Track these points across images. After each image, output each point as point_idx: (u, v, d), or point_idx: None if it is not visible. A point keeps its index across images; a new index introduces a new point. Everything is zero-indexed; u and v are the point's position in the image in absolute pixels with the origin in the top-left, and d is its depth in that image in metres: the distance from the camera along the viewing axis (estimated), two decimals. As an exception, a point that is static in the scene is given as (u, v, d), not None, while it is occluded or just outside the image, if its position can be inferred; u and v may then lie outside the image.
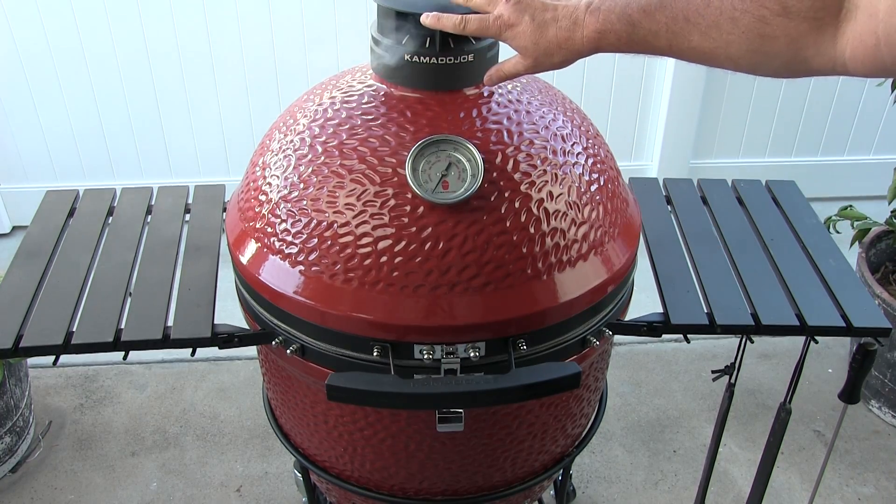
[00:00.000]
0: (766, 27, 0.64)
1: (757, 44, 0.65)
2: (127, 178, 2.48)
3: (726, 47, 0.67)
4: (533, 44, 0.80)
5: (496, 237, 0.86)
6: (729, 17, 0.65)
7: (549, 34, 0.79)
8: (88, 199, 1.22)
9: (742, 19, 0.65)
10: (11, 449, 1.71)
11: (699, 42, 0.68)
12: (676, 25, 0.69)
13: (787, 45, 0.64)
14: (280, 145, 0.96)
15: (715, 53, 0.68)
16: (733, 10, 0.65)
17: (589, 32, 0.77)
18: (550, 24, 0.79)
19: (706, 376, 1.99)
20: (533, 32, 0.80)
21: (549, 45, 0.80)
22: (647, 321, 1.00)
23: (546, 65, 0.82)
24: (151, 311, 0.98)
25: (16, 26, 2.20)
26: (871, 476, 1.75)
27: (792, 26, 0.63)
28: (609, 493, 1.71)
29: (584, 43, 0.78)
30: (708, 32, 0.67)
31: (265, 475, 1.74)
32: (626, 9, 0.74)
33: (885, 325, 0.99)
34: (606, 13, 0.75)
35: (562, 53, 0.80)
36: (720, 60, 0.69)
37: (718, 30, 0.67)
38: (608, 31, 0.75)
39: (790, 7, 0.62)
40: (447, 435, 0.99)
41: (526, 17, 0.80)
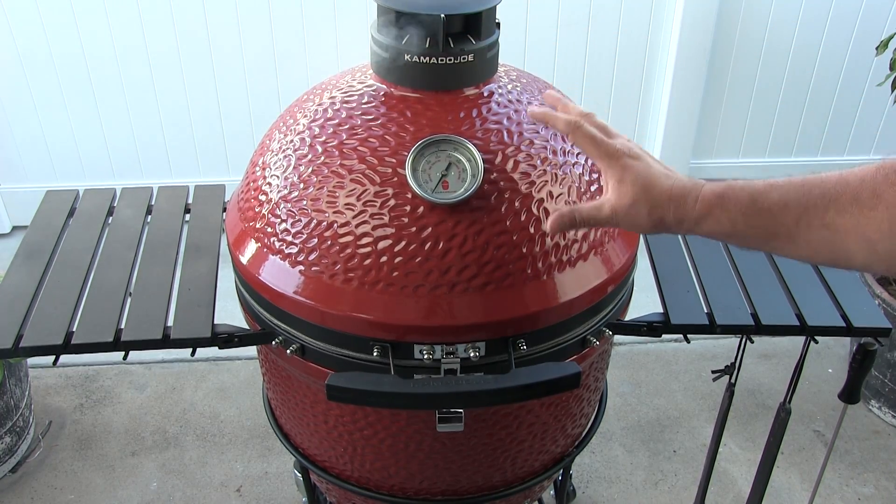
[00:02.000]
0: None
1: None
2: (127, 178, 2.48)
3: (866, 225, 0.60)
4: (643, 185, 0.70)
5: (496, 237, 0.86)
6: (870, 191, 0.60)
7: (664, 184, 0.70)
8: (88, 199, 1.22)
9: (886, 192, 0.58)
10: (11, 449, 1.71)
11: (835, 218, 0.61)
12: (810, 200, 0.63)
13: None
14: (280, 145, 0.96)
15: (851, 232, 0.61)
16: (875, 184, 0.59)
17: (706, 194, 0.68)
18: (668, 178, 0.71)
19: (706, 376, 1.99)
20: (648, 176, 0.71)
21: (660, 196, 0.70)
22: (647, 321, 1.00)
23: (641, 215, 0.71)
24: (151, 311, 0.98)
25: (16, 27, 2.20)
26: (871, 476, 1.75)
27: None
28: (609, 493, 1.71)
29: (698, 206, 0.68)
30: (847, 207, 0.61)
31: (265, 475, 1.74)
32: (750, 182, 0.67)
33: (885, 325, 0.99)
34: (730, 182, 0.68)
35: (667, 209, 0.69)
36: (854, 243, 0.61)
37: (859, 204, 0.60)
38: (727, 197, 0.67)
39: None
40: (447, 435, 0.99)
41: (647, 159, 0.73)
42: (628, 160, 0.72)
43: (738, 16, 2.37)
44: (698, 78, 2.44)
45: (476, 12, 0.88)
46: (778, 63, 2.47)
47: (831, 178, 0.63)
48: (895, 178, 0.58)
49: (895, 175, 0.59)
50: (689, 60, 2.39)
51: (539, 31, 2.34)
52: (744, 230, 0.67)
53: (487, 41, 0.91)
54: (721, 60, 2.44)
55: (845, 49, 2.45)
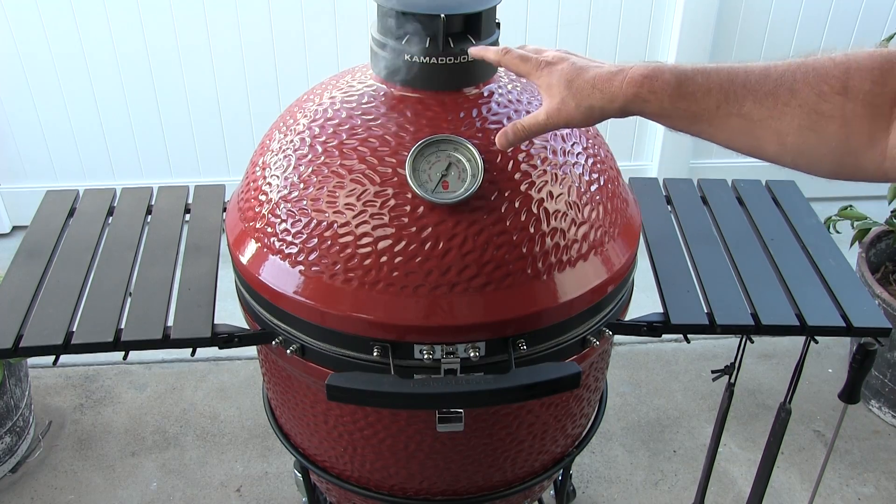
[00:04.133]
0: (823, 103, 0.62)
1: (811, 120, 0.63)
2: (127, 178, 2.48)
3: (778, 118, 0.65)
4: (566, 81, 0.76)
5: (496, 237, 0.86)
6: (788, 88, 0.64)
7: (587, 75, 0.75)
8: (88, 199, 1.22)
9: (801, 91, 0.63)
10: (11, 449, 1.71)
11: (751, 108, 0.66)
12: (732, 88, 0.67)
13: (840, 128, 0.62)
14: (280, 145, 0.96)
15: (765, 123, 0.65)
16: (794, 81, 0.64)
17: (634, 75, 0.71)
18: (591, 68, 0.75)
19: (706, 376, 1.99)
20: (570, 72, 0.76)
21: (583, 85, 0.74)
22: (647, 321, 1.00)
23: (571, 109, 0.76)
24: (151, 311, 0.98)
25: (16, 26, 2.20)
26: (871, 476, 1.75)
27: (849, 107, 0.61)
28: (609, 493, 1.71)
29: (624, 87, 0.72)
30: (763, 100, 0.65)
31: (265, 475, 1.74)
32: (679, 65, 0.71)
33: (885, 325, 0.99)
34: (657, 65, 0.71)
35: (595, 96, 0.74)
36: (766, 133, 0.66)
37: (775, 98, 0.65)
38: (655, 78, 0.70)
39: (850, 87, 0.61)
40: (447, 435, 0.99)
41: (569, 60, 0.77)
42: (551, 66, 0.77)
43: (738, 16, 2.37)
44: (698, 78, 2.43)
45: (476, 12, 0.88)
46: (778, 63, 2.47)
47: (755, 68, 0.67)
48: (813, 78, 0.63)
49: (813, 75, 0.63)
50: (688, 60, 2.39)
51: (539, 31, 2.34)
52: (670, 111, 0.71)
53: (487, 41, 0.91)
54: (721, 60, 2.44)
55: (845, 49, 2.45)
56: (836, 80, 0.62)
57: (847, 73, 0.62)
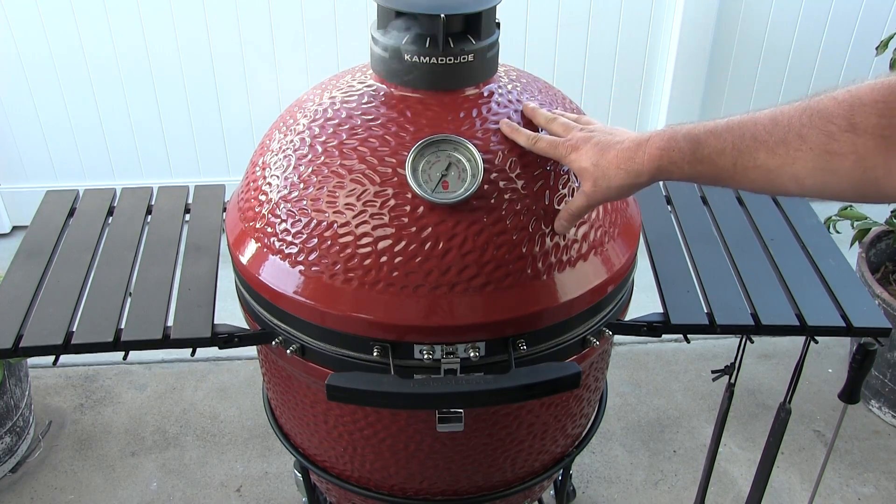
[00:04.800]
0: (833, 143, 0.63)
1: (824, 161, 0.64)
2: (127, 178, 2.48)
3: (792, 164, 0.66)
4: (593, 165, 0.80)
5: (496, 237, 0.86)
6: (797, 134, 0.66)
7: (610, 155, 0.79)
8: (88, 199, 1.22)
9: (810, 135, 0.65)
10: (11, 449, 1.71)
11: (765, 160, 0.68)
12: (743, 143, 0.69)
13: (855, 164, 0.63)
14: (280, 145, 0.96)
15: (781, 171, 0.68)
16: (801, 126, 0.65)
17: (651, 150, 0.76)
18: (613, 147, 0.79)
19: (706, 376, 1.99)
20: (594, 154, 0.80)
21: (608, 166, 0.79)
22: (647, 321, 1.00)
23: (604, 189, 0.81)
24: (151, 311, 0.98)
25: (16, 26, 2.20)
26: (871, 476, 1.75)
27: (860, 143, 0.62)
28: (609, 493, 1.71)
29: (645, 162, 0.76)
30: (775, 149, 0.67)
31: (265, 475, 1.74)
32: (692, 130, 0.74)
33: (885, 325, 0.99)
34: (672, 134, 0.75)
35: (620, 175, 0.79)
36: (785, 180, 0.68)
37: (786, 146, 0.66)
38: (672, 149, 0.74)
39: (857, 124, 0.62)
40: (447, 435, 0.99)
41: (592, 141, 0.81)
42: (577, 150, 0.82)
43: (738, 16, 2.37)
44: (698, 78, 2.44)
45: (476, 12, 0.88)
46: (778, 63, 2.47)
47: (763, 119, 0.69)
48: (818, 121, 0.64)
49: (818, 118, 0.64)
50: (689, 60, 2.39)
51: (539, 31, 2.34)
52: (692, 176, 0.75)
53: (487, 41, 0.91)
54: (721, 60, 2.44)
55: (845, 49, 2.45)
56: (842, 118, 0.63)
57: (851, 110, 0.62)
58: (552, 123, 0.89)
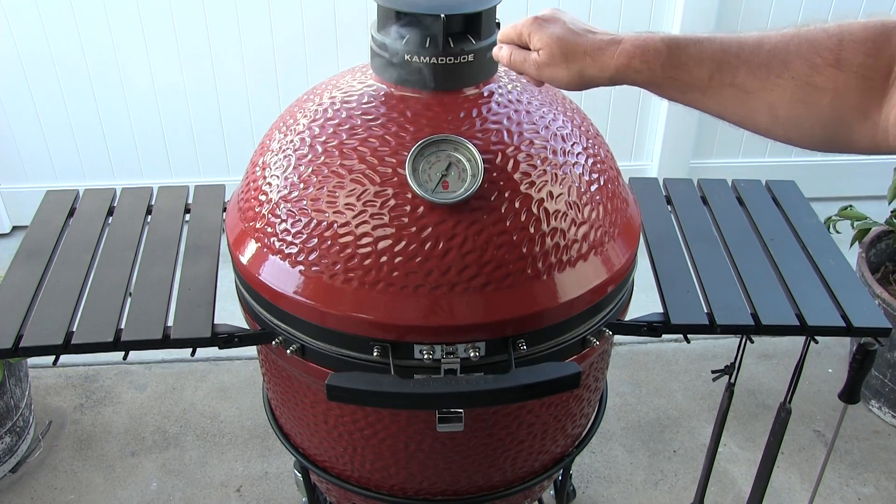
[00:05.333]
0: (815, 75, 0.62)
1: (803, 92, 0.63)
2: (127, 178, 2.48)
3: (771, 90, 0.64)
4: (558, 41, 0.76)
5: (496, 237, 0.86)
6: (781, 60, 0.63)
7: (581, 39, 0.75)
8: (88, 199, 1.22)
9: (794, 63, 0.63)
10: (11, 449, 1.71)
11: (744, 79, 0.65)
12: (725, 58, 0.66)
13: (833, 100, 0.61)
14: (280, 145, 0.96)
15: (757, 95, 0.65)
16: (787, 53, 0.63)
17: (626, 46, 0.72)
18: (586, 34, 0.75)
19: (706, 376, 1.99)
20: (564, 32, 0.76)
21: (576, 49, 0.74)
22: (647, 321, 1.00)
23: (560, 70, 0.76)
24: (151, 311, 0.98)
25: (16, 26, 2.20)
26: (871, 476, 1.75)
27: (842, 79, 0.61)
28: (609, 493, 1.71)
29: (616, 56, 0.72)
30: (756, 71, 0.65)
31: (265, 475, 1.74)
32: (672, 35, 0.71)
33: (885, 325, 0.99)
34: (650, 34, 0.71)
35: (584, 62, 0.74)
36: (758, 105, 0.65)
37: (768, 70, 0.64)
38: (647, 48, 0.70)
39: (843, 59, 0.60)
40: (447, 435, 0.99)
41: (564, 20, 0.77)
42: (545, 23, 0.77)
43: (738, 15, 2.37)
44: (698, 78, 2.43)
45: (476, 12, 0.88)
46: (778, 63, 2.47)
47: (749, 39, 0.66)
48: (805, 49, 0.63)
49: (807, 47, 0.63)
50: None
51: (539, 31, 2.34)
52: (661, 80, 0.70)
53: (487, 41, 0.91)
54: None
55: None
56: (829, 51, 0.61)
57: (840, 44, 0.61)
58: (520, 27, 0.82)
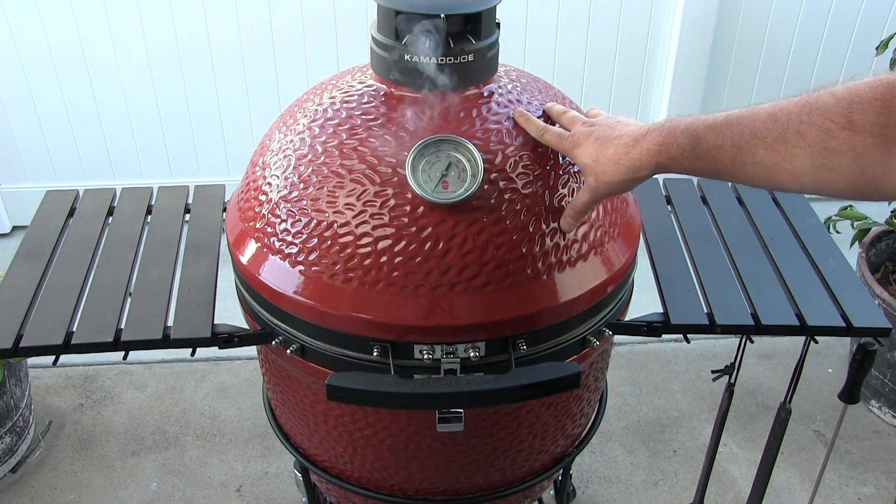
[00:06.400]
0: (831, 140, 0.63)
1: (822, 158, 0.64)
2: (127, 178, 2.48)
3: (791, 161, 0.67)
4: (593, 161, 0.81)
5: (496, 237, 0.86)
6: (795, 131, 0.66)
7: (609, 151, 0.80)
8: (88, 199, 1.22)
9: (808, 132, 0.65)
10: (11, 449, 1.71)
11: (764, 156, 0.68)
12: (742, 140, 0.70)
13: (853, 161, 0.63)
14: (280, 145, 0.96)
15: (779, 167, 0.68)
16: (800, 123, 0.65)
17: (650, 145, 0.76)
18: (612, 142, 0.80)
19: (706, 376, 1.99)
20: (594, 150, 0.81)
21: (608, 162, 0.80)
22: (647, 321, 1.00)
23: (605, 184, 0.81)
24: (151, 311, 0.98)
25: (16, 26, 2.20)
26: (871, 476, 1.75)
27: (857, 140, 0.62)
28: (609, 493, 1.71)
29: (643, 156, 0.77)
30: (774, 146, 0.67)
31: (265, 475, 1.74)
32: (691, 125, 0.74)
33: (885, 325, 0.99)
34: (671, 129, 0.75)
35: (620, 171, 0.79)
36: (783, 176, 0.68)
37: (784, 143, 0.67)
38: (671, 145, 0.75)
39: (855, 121, 0.62)
40: (447, 435, 0.99)
41: (592, 137, 0.82)
42: (578, 149, 0.83)
43: (738, 15, 2.37)
44: (698, 78, 2.44)
45: (476, 12, 0.88)
46: (778, 63, 2.47)
47: (762, 114, 0.69)
48: (817, 118, 0.64)
49: (817, 114, 0.64)
50: (689, 60, 2.39)
51: (539, 31, 2.34)
52: (690, 171, 0.76)
53: (487, 41, 0.91)
54: (721, 60, 2.44)
55: (845, 49, 2.45)
56: (841, 115, 0.63)
57: (850, 107, 0.63)
58: (563, 117, 0.90)
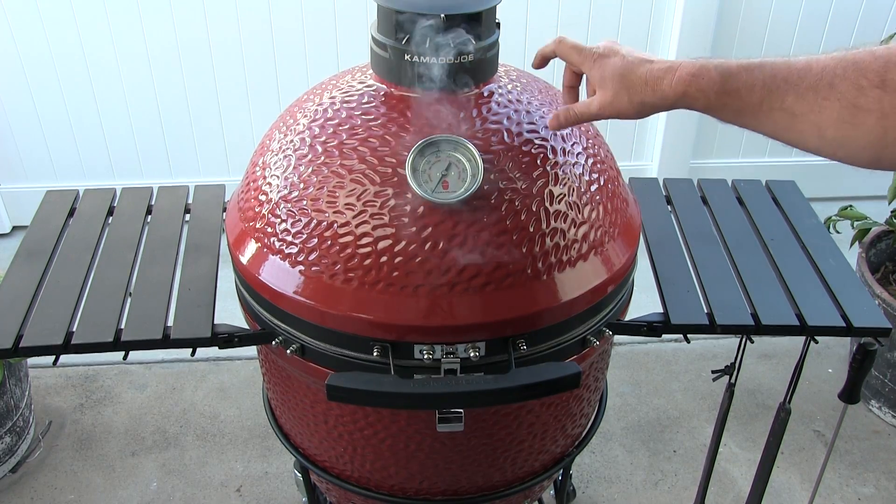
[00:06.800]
0: (861, 97, 0.64)
1: (849, 113, 0.65)
2: (127, 178, 2.48)
3: (819, 112, 0.67)
4: (619, 75, 0.80)
5: (496, 237, 0.86)
6: (827, 83, 0.66)
7: (641, 70, 0.79)
8: (88, 199, 1.22)
9: (840, 85, 0.65)
10: (11, 449, 1.71)
11: (792, 103, 0.69)
12: (774, 83, 0.70)
13: (878, 121, 0.63)
14: (280, 145, 0.96)
15: (806, 117, 0.68)
16: (833, 76, 0.66)
17: (682, 74, 0.76)
18: (644, 63, 0.79)
19: (706, 376, 1.99)
20: (623, 66, 0.80)
21: (636, 81, 0.79)
22: (647, 321, 1.00)
23: (623, 103, 0.80)
24: (151, 311, 0.98)
25: (16, 26, 2.20)
26: (871, 476, 1.75)
27: (887, 100, 0.63)
28: (609, 493, 1.71)
29: (674, 85, 0.76)
30: (804, 94, 0.68)
31: (265, 475, 1.74)
32: (724, 62, 0.74)
33: (885, 325, 0.99)
34: (704, 63, 0.75)
35: (647, 92, 0.78)
36: (807, 127, 0.68)
37: (815, 93, 0.67)
38: (702, 77, 0.75)
39: (888, 80, 0.62)
40: (447, 435, 0.99)
41: (622, 53, 0.81)
42: (604, 59, 0.82)
43: (738, 16, 2.37)
44: (698, 78, 2.43)
45: (476, 12, 0.88)
46: (778, 63, 2.46)
47: (797, 63, 0.69)
48: (852, 72, 0.65)
49: (853, 69, 0.64)
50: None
51: (539, 31, 2.34)
52: (716, 106, 0.75)
53: (487, 41, 0.91)
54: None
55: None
56: (875, 73, 0.63)
57: (886, 66, 0.63)
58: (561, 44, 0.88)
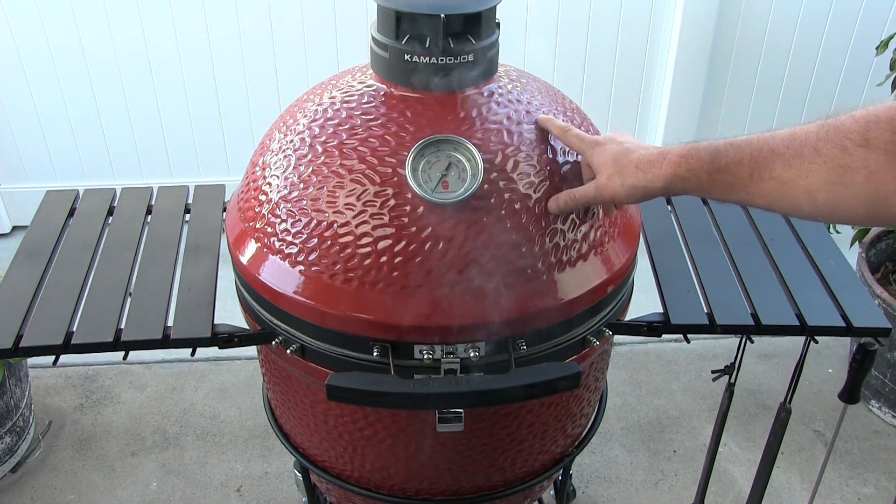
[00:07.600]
0: (846, 157, 0.65)
1: (837, 174, 0.66)
2: (127, 178, 2.48)
3: (806, 177, 0.68)
4: (614, 160, 0.83)
5: (496, 237, 0.86)
6: (812, 148, 0.68)
7: (633, 155, 0.82)
8: (88, 199, 1.22)
9: (824, 148, 0.67)
10: (11, 449, 1.71)
11: (780, 171, 0.70)
12: (761, 155, 0.72)
13: (867, 178, 0.64)
14: (280, 145, 0.96)
15: (795, 183, 0.69)
16: (817, 140, 0.67)
17: (672, 157, 0.78)
18: (638, 150, 0.82)
19: (706, 376, 1.99)
20: (618, 151, 0.83)
21: (628, 165, 0.82)
22: (647, 321, 1.00)
23: (617, 185, 0.83)
24: (151, 311, 0.98)
25: (16, 26, 2.20)
26: (871, 476, 1.75)
27: (872, 158, 0.64)
28: (609, 493, 1.71)
29: (664, 168, 0.79)
30: (791, 162, 0.69)
31: (265, 475, 1.74)
32: (713, 142, 0.77)
33: (885, 325, 0.99)
34: (693, 145, 0.78)
35: (638, 175, 0.81)
36: (798, 192, 0.70)
37: (801, 159, 0.68)
38: (691, 157, 0.77)
39: (871, 139, 0.63)
40: (447, 435, 0.99)
41: (617, 140, 0.85)
42: (602, 146, 0.86)
43: (738, 16, 2.37)
44: (698, 78, 2.43)
45: (476, 12, 0.88)
46: (778, 63, 2.47)
47: (781, 134, 0.71)
48: (834, 135, 0.66)
49: (835, 133, 0.66)
50: (689, 60, 2.39)
51: (539, 31, 2.34)
52: (708, 185, 0.77)
53: (487, 41, 0.91)
54: (721, 60, 2.44)
55: (845, 49, 2.45)
56: (857, 133, 0.65)
57: (867, 126, 0.64)
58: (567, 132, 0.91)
